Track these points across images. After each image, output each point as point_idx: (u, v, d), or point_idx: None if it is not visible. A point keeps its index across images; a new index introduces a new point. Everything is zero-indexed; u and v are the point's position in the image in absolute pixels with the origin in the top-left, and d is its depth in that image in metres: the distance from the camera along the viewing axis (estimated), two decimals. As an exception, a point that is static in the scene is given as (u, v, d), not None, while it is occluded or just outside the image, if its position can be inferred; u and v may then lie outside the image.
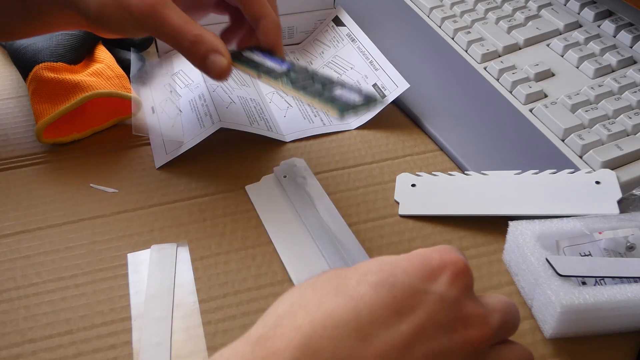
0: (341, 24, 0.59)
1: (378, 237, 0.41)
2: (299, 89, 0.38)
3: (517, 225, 0.38)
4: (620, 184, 0.42)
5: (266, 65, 0.41)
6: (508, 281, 0.39)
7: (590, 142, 0.45)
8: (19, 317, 0.36)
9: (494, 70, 0.53)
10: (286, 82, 0.39)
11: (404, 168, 0.47)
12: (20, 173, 0.46)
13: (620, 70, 0.52)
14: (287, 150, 0.48)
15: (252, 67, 0.41)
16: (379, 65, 0.53)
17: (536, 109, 0.49)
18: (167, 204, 0.44)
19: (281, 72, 0.40)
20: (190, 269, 0.39)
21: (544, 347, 0.35)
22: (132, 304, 0.37)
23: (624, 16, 0.56)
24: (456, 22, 0.60)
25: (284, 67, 0.41)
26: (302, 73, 0.40)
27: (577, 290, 0.34)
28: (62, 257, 0.40)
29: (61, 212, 0.43)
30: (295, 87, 0.39)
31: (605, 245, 0.37)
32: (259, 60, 0.42)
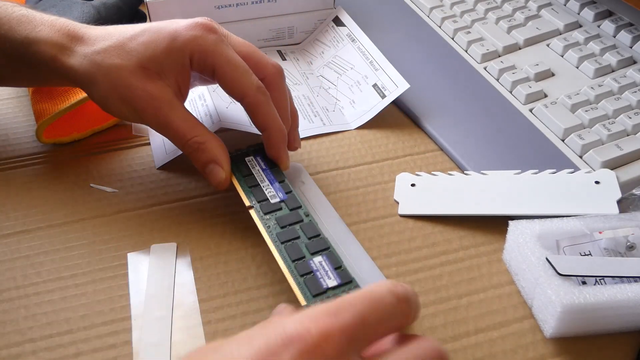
0: (341, 24, 0.59)
1: (378, 237, 0.41)
2: (278, 245, 0.36)
3: (517, 224, 0.38)
4: (620, 184, 0.42)
5: (262, 191, 0.40)
6: (508, 281, 0.39)
7: (590, 142, 0.45)
8: (19, 316, 0.36)
9: (494, 70, 0.53)
10: (271, 229, 0.37)
11: (404, 168, 0.47)
12: (20, 173, 0.46)
13: (620, 70, 0.52)
14: (287, 150, 0.48)
15: (248, 192, 0.40)
16: (379, 66, 0.54)
17: (536, 108, 0.49)
18: (167, 203, 0.44)
19: (272, 209, 0.38)
20: (190, 269, 0.39)
21: (544, 346, 0.35)
22: (132, 304, 0.37)
23: (624, 16, 0.56)
24: (456, 22, 0.60)
25: (280, 196, 0.39)
26: (293, 216, 0.38)
27: (578, 290, 0.34)
28: (62, 257, 0.40)
29: (61, 212, 0.43)
30: (277, 239, 0.37)
31: (606, 244, 0.37)
32: (259, 178, 0.41)
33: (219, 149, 0.40)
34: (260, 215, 0.38)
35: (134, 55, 0.39)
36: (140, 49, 0.40)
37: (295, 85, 0.55)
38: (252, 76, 0.40)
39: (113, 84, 0.39)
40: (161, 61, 0.39)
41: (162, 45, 0.39)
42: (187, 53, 0.40)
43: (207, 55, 0.40)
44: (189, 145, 0.40)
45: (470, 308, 0.37)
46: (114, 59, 0.39)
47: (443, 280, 0.39)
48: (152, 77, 0.39)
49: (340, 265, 0.35)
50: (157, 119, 0.40)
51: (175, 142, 0.41)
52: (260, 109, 0.41)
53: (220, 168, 0.40)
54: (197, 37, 0.40)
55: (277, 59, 0.59)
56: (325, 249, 0.36)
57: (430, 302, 0.37)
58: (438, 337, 0.35)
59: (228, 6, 0.56)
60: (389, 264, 0.39)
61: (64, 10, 0.55)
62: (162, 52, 0.39)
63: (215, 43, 0.40)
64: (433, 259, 0.40)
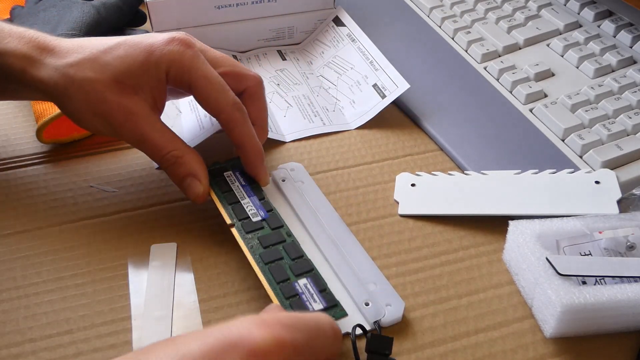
0: (341, 24, 0.59)
1: (378, 237, 0.41)
2: (263, 266, 0.36)
3: (518, 224, 0.38)
4: (620, 184, 0.42)
5: (243, 209, 0.39)
6: (508, 281, 0.39)
7: (590, 141, 0.45)
8: (18, 316, 0.36)
9: (494, 70, 0.53)
10: (254, 249, 0.37)
11: (404, 168, 0.47)
12: (20, 173, 0.46)
13: (620, 70, 0.52)
14: (287, 150, 0.48)
15: (228, 209, 0.39)
16: (379, 66, 0.54)
17: (536, 108, 0.49)
18: (167, 203, 0.44)
19: (254, 228, 0.38)
20: (190, 269, 0.39)
21: (544, 346, 0.35)
22: (132, 304, 0.37)
23: (624, 16, 0.56)
24: (456, 22, 0.60)
25: (261, 215, 0.39)
26: (275, 235, 0.38)
27: (578, 290, 0.34)
28: (62, 257, 0.40)
29: (61, 212, 0.43)
30: (260, 260, 0.36)
31: (606, 244, 0.37)
32: (239, 194, 0.40)
33: (196, 163, 0.40)
34: (242, 234, 0.38)
35: (108, 69, 0.39)
36: (116, 62, 0.39)
37: (295, 85, 0.55)
38: (228, 92, 0.40)
39: (87, 98, 0.39)
40: (137, 76, 0.39)
41: (138, 59, 0.39)
42: (163, 68, 0.39)
43: (184, 71, 0.39)
44: (166, 159, 0.40)
45: (470, 308, 0.37)
46: (88, 72, 0.39)
47: (443, 280, 0.39)
48: (127, 92, 0.39)
49: (325, 288, 0.36)
50: (133, 133, 0.39)
51: (152, 156, 0.40)
52: (237, 127, 0.40)
53: (197, 182, 0.40)
54: (174, 52, 0.39)
55: (277, 59, 0.59)
56: (309, 271, 0.36)
57: (430, 302, 0.37)
58: (438, 337, 0.35)
59: (228, 6, 0.56)
60: (389, 264, 0.39)
61: (64, 10, 0.55)
62: (138, 67, 0.39)
63: (192, 59, 0.39)
64: (433, 258, 0.40)
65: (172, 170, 0.40)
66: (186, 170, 0.40)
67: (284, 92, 0.54)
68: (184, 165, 0.40)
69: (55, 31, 0.52)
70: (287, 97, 0.54)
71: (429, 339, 0.35)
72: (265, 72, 0.57)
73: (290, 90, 0.55)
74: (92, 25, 0.54)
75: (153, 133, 0.39)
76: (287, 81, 0.56)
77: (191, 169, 0.40)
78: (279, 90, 0.55)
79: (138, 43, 0.39)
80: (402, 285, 0.38)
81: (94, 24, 0.54)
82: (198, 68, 0.39)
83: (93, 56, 0.39)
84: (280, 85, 0.55)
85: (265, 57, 0.59)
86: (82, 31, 0.53)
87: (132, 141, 0.40)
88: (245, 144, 0.41)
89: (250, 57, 0.59)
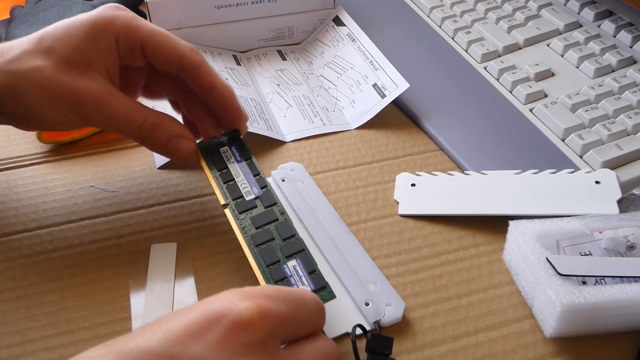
0: (341, 23, 0.59)
1: (378, 237, 0.41)
2: (253, 249, 0.36)
3: (518, 224, 0.38)
4: (620, 184, 0.42)
5: (237, 188, 0.38)
6: (508, 281, 0.39)
7: (590, 141, 0.45)
8: (18, 316, 0.36)
9: (494, 70, 0.53)
10: (246, 230, 0.36)
11: (404, 168, 0.47)
12: (20, 173, 0.46)
13: (620, 70, 0.52)
14: (287, 150, 0.48)
15: (222, 189, 0.38)
16: (379, 65, 0.54)
17: (536, 108, 0.49)
18: (167, 203, 0.44)
19: (247, 207, 0.37)
20: (190, 269, 0.39)
21: (544, 346, 0.35)
22: (132, 304, 0.37)
23: (624, 16, 0.56)
24: (456, 22, 0.60)
25: (255, 192, 0.38)
26: (268, 214, 0.37)
27: (578, 290, 0.34)
28: (62, 257, 0.40)
29: (61, 212, 0.43)
30: (251, 241, 0.36)
31: (606, 244, 0.37)
32: (234, 172, 0.39)
33: (175, 123, 0.39)
34: (235, 214, 0.37)
35: (53, 53, 0.36)
36: (59, 44, 0.36)
37: (295, 85, 0.55)
38: (181, 40, 0.39)
39: (39, 87, 0.35)
40: (85, 50, 0.36)
41: (81, 33, 0.36)
42: (111, 34, 0.37)
43: (133, 31, 0.37)
44: (145, 128, 0.37)
45: (471, 308, 0.37)
46: (32, 61, 0.36)
47: (443, 280, 0.39)
48: (80, 70, 0.36)
49: (315, 269, 0.35)
50: (99, 112, 0.36)
51: (127, 131, 0.38)
52: (202, 68, 0.39)
53: (184, 139, 0.39)
54: (117, 16, 0.37)
55: (277, 58, 0.59)
56: (300, 251, 0.36)
57: (430, 302, 0.37)
58: (438, 337, 0.35)
59: (228, 6, 0.56)
60: (389, 264, 0.39)
61: (64, 10, 0.55)
62: (83, 41, 0.36)
63: (135, 18, 0.38)
64: (433, 258, 0.40)
65: (154, 137, 0.38)
66: (169, 133, 0.38)
67: (284, 92, 0.54)
68: (165, 129, 0.38)
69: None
70: (287, 97, 0.54)
71: (429, 339, 0.35)
72: (266, 72, 0.57)
73: (291, 91, 0.55)
74: (92, 25, 0.54)
75: (121, 107, 0.37)
76: (287, 81, 0.56)
77: (174, 130, 0.38)
78: (279, 90, 0.55)
79: (74, 20, 0.37)
80: (402, 285, 0.38)
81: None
82: (145, 24, 0.38)
83: (32, 47, 0.36)
84: (281, 85, 0.55)
85: (265, 57, 0.59)
86: (82, 31, 0.53)
87: (101, 121, 0.37)
88: (216, 83, 0.39)
89: (250, 57, 0.59)
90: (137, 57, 0.38)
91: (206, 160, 0.40)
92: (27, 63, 0.36)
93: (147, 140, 0.38)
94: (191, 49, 0.39)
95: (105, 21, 0.37)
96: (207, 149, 0.40)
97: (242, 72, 0.56)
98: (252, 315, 0.26)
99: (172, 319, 0.26)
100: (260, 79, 0.56)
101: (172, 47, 0.38)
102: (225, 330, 0.25)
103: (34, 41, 0.36)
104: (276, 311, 0.27)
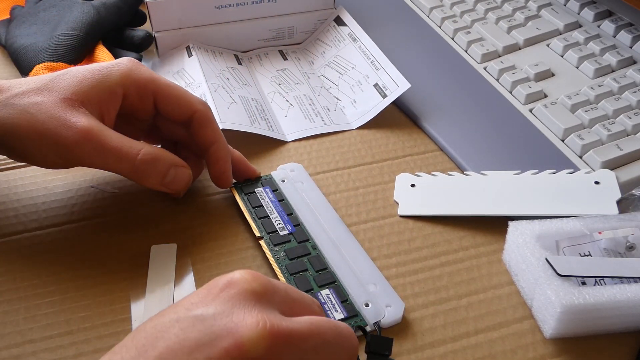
0: (342, 23, 0.59)
1: (378, 238, 0.41)
2: (288, 277, 0.37)
3: (517, 225, 0.38)
4: (620, 184, 0.42)
5: (272, 223, 0.40)
6: (508, 281, 0.39)
7: (590, 142, 0.45)
8: (18, 317, 0.36)
9: (494, 70, 0.54)
10: (280, 260, 0.38)
11: (404, 168, 0.47)
12: (20, 173, 0.46)
13: (620, 70, 0.52)
14: (288, 150, 0.48)
15: (257, 223, 0.41)
16: (380, 65, 0.54)
17: (536, 109, 0.49)
18: (168, 204, 0.44)
19: (282, 241, 0.39)
20: (191, 270, 0.39)
21: (544, 347, 0.35)
22: (132, 305, 0.37)
23: (624, 16, 0.56)
24: (456, 22, 0.60)
25: (288, 229, 0.40)
26: (301, 248, 0.39)
27: (577, 290, 0.34)
28: (62, 258, 0.40)
29: (61, 213, 0.43)
30: (286, 270, 0.38)
31: (605, 245, 0.37)
32: (268, 210, 0.41)
33: (170, 154, 0.39)
34: (270, 246, 0.39)
35: (56, 92, 0.37)
36: (61, 83, 0.37)
37: (296, 85, 0.55)
38: (193, 94, 0.41)
39: (31, 120, 0.36)
40: (85, 91, 0.37)
41: (87, 76, 0.38)
42: (119, 82, 0.38)
43: (146, 84, 0.39)
44: (141, 160, 0.37)
45: (470, 309, 0.37)
46: (33, 97, 0.37)
47: (443, 280, 0.39)
48: (74, 106, 0.37)
49: (347, 299, 0.36)
50: (92, 148, 0.36)
51: (121, 166, 0.37)
52: (211, 123, 0.41)
53: (182, 167, 0.39)
54: (131, 69, 0.39)
55: (278, 58, 0.59)
56: (332, 283, 0.37)
57: (430, 302, 0.37)
58: (438, 338, 0.35)
59: (228, 6, 0.56)
60: (388, 265, 0.39)
61: (64, 10, 0.55)
62: (84, 82, 0.38)
63: (149, 72, 0.40)
64: (433, 259, 0.40)
65: (151, 169, 0.38)
66: (166, 163, 0.38)
67: (285, 92, 0.54)
68: (162, 159, 0.38)
69: (55, 31, 0.53)
70: (289, 96, 0.54)
71: (429, 340, 0.35)
72: (267, 72, 0.57)
73: (292, 90, 0.55)
74: (92, 25, 0.54)
75: (112, 141, 0.37)
76: (289, 81, 0.56)
77: (171, 160, 0.39)
78: (280, 90, 0.55)
79: (89, 69, 0.38)
80: (402, 286, 0.38)
81: (94, 23, 0.54)
82: (159, 78, 0.40)
83: (39, 84, 0.37)
84: (282, 85, 0.55)
85: (266, 57, 0.59)
86: (82, 31, 0.53)
87: (93, 158, 0.37)
88: (218, 139, 0.41)
89: (251, 56, 0.59)
90: (148, 108, 0.40)
91: (241, 198, 0.42)
92: (28, 98, 0.37)
93: (144, 174, 0.38)
94: (201, 102, 0.40)
95: (117, 69, 0.38)
96: (243, 188, 0.43)
97: (244, 71, 0.56)
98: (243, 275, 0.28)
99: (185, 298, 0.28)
100: (261, 79, 0.56)
101: (184, 100, 0.40)
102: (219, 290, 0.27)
103: (42, 81, 0.38)
104: (270, 278, 0.29)
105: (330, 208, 0.43)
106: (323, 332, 0.27)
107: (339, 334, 0.28)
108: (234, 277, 0.28)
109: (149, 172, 0.38)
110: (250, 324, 0.25)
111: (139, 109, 0.40)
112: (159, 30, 0.56)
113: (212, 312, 0.26)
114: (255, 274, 0.28)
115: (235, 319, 0.26)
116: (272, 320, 0.26)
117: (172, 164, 0.39)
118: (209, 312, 0.26)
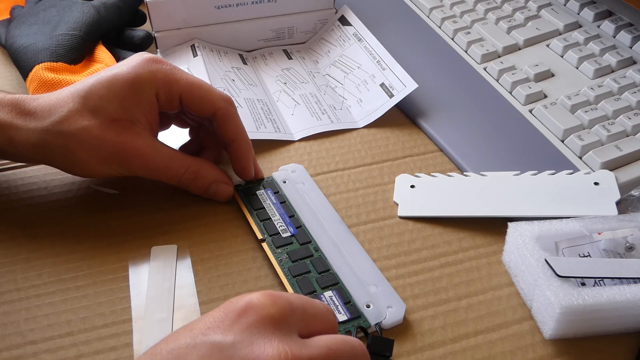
0: (347, 23, 0.59)
1: (378, 239, 0.41)
2: (291, 279, 0.37)
3: (517, 226, 0.38)
4: (620, 185, 0.42)
5: (274, 225, 0.41)
6: (507, 282, 0.39)
7: (590, 142, 0.45)
8: (19, 318, 0.36)
9: (494, 70, 0.54)
10: (283, 263, 0.38)
11: (404, 169, 0.47)
12: (20, 173, 0.46)
13: (620, 70, 0.52)
14: (288, 151, 0.48)
15: (260, 225, 0.41)
16: (387, 65, 0.53)
17: (536, 109, 0.49)
18: (168, 205, 0.44)
19: (284, 243, 0.40)
20: (191, 271, 0.39)
21: (544, 347, 0.35)
22: (132, 306, 0.37)
23: (623, 16, 0.56)
24: (456, 22, 0.60)
25: (290, 231, 0.40)
26: (303, 250, 0.39)
27: (577, 291, 0.34)
28: (63, 259, 0.40)
29: (61, 214, 0.43)
30: (289, 272, 0.38)
31: (605, 246, 0.37)
32: (270, 212, 0.42)
33: (213, 168, 0.42)
34: (272, 248, 0.39)
35: (99, 112, 0.38)
36: (103, 102, 0.39)
37: (302, 83, 0.55)
38: (216, 90, 0.41)
39: (88, 147, 0.38)
40: (129, 108, 0.39)
41: (123, 91, 0.39)
42: (152, 91, 0.39)
43: (172, 85, 0.40)
44: (186, 178, 0.41)
45: (470, 310, 0.37)
46: (80, 122, 0.38)
47: (442, 282, 0.39)
48: (126, 127, 0.39)
49: (350, 300, 0.36)
50: (146, 167, 0.40)
51: (169, 180, 0.41)
52: (232, 120, 0.41)
53: (223, 184, 0.42)
54: (157, 71, 0.40)
55: (283, 58, 0.59)
56: (334, 284, 0.37)
57: (429, 304, 0.37)
58: (437, 339, 0.35)
59: (228, 6, 0.56)
60: (388, 266, 0.40)
61: (64, 10, 0.55)
62: (127, 99, 0.39)
63: (172, 71, 0.40)
64: (432, 260, 0.40)
65: (195, 185, 0.42)
66: (208, 179, 0.42)
67: (291, 91, 0.54)
68: (205, 176, 0.42)
69: (55, 31, 0.52)
70: (295, 95, 0.54)
71: (429, 341, 0.35)
72: (272, 71, 0.57)
73: (297, 89, 0.55)
74: (92, 25, 0.54)
75: (163, 160, 0.40)
76: (294, 80, 0.56)
77: (212, 176, 0.42)
78: (286, 88, 0.55)
79: (115, 76, 0.39)
80: (401, 287, 0.38)
81: (94, 24, 0.54)
82: (182, 77, 0.40)
83: (78, 105, 0.39)
84: (287, 84, 0.55)
85: (271, 56, 0.59)
86: (82, 31, 0.53)
87: (146, 174, 0.41)
88: (240, 137, 0.42)
89: (256, 56, 0.59)
90: (174, 106, 0.41)
91: (243, 200, 0.43)
92: (76, 124, 0.38)
93: (188, 187, 0.42)
94: (225, 99, 0.41)
95: (146, 77, 0.39)
96: (245, 190, 0.43)
97: (249, 71, 0.56)
98: (261, 300, 0.27)
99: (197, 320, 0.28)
100: (266, 78, 0.56)
101: (208, 99, 0.41)
102: (235, 316, 0.27)
103: (79, 99, 0.39)
104: (287, 296, 0.28)
105: (332, 209, 0.43)
106: (340, 355, 0.27)
107: (354, 355, 0.28)
108: (252, 302, 0.27)
109: (192, 186, 0.42)
110: (272, 356, 0.25)
111: (168, 107, 0.41)
112: (159, 30, 0.56)
113: (231, 341, 0.26)
114: (273, 296, 0.27)
115: (255, 350, 0.25)
116: (293, 350, 0.26)
117: (213, 181, 0.42)
118: (228, 340, 0.26)
